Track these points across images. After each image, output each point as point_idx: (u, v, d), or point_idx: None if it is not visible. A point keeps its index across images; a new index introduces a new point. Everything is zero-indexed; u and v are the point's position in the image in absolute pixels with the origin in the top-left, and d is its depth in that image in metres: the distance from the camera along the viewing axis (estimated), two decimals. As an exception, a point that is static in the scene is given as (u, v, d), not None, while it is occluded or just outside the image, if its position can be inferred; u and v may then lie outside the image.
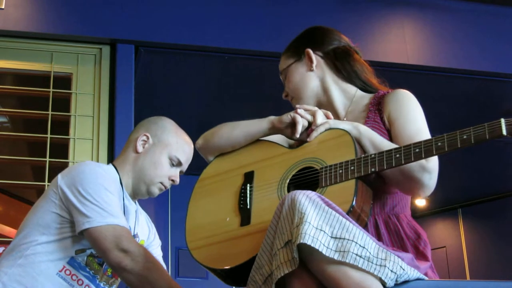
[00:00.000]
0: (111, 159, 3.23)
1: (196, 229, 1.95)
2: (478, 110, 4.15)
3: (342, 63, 2.08)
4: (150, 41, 3.48)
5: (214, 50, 3.57)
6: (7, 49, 3.36)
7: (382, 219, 1.89)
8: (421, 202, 6.18)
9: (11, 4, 3.32)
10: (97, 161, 3.22)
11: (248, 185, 1.93)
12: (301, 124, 1.89)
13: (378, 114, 1.97)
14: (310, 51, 2.09)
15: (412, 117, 1.88)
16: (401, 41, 3.82)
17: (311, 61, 2.08)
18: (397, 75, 3.85)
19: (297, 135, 1.89)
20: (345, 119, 2.03)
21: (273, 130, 1.98)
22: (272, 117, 1.98)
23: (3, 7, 3.29)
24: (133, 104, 3.36)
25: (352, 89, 2.07)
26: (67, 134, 3.28)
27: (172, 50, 3.54)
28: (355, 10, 3.78)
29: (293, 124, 1.92)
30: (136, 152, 2.23)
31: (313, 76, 2.09)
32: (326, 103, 2.07)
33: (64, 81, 3.39)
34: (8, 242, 4.93)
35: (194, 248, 1.91)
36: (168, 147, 2.23)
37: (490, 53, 3.92)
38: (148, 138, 2.24)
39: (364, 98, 2.05)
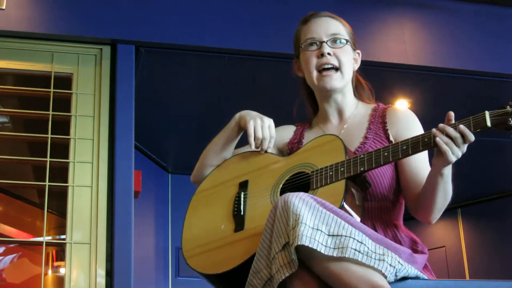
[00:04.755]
0: (111, 159, 3.24)
1: (192, 239, 2.00)
2: (478, 111, 4.15)
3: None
4: (150, 41, 3.48)
5: (214, 50, 3.57)
6: (7, 49, 3.36)
7: (380, 225, 1.91)
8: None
9: (12, 5, 3.33)
10: (98, 161, 3.23)
11: (242, 193, 1.96)
12: (252, 137, 1.97)
13: (381, 127, 2.01)
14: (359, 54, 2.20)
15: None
16: (401, 41, 3.82)
17: (356, 61, 2.17)
18: (396, 75, 3.86)
19: (251, 147, 1.98)
20: (345, 126, 2.08)
21: (241, 128, 2.06)
22: (237, 115, 2.08)
23: (3, 7, 3.30)
24: (133, 104, 3.36)
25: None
26: (68, 134, 3.28)
27: (172, 50, 3.54)
28: (354, 10, 3.78)
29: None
30: None
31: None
32: (340, 100, 2.12)
33: (64, 81, 3.39)
34: (9, 242, 4.92)
35: (190, 257, 1.97)
36: None
37: (490, 53, 3.92)
38: None
39: (363, 107, 2.13)
